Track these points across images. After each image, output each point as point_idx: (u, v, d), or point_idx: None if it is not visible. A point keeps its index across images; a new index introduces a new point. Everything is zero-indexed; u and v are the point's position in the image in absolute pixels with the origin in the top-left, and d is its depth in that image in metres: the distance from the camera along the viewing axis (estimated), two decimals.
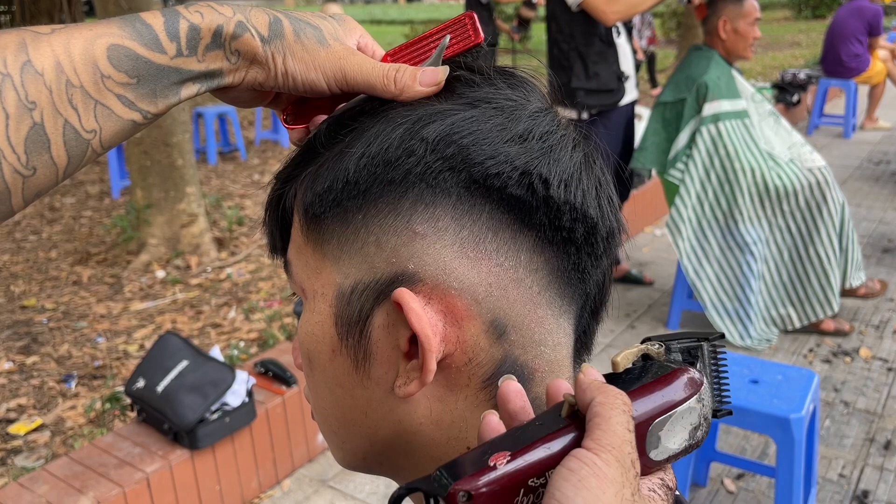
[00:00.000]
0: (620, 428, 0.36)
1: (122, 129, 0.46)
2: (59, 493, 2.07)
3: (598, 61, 3.24)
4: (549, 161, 0.47)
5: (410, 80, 0.49)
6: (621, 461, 0.36)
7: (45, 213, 5.31)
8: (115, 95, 0.45)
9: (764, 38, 14.75)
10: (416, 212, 0.46)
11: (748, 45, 3.36)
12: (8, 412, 2.87)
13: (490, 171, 0.45)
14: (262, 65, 0.49)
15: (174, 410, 2.23)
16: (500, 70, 0.51)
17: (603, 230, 0.49)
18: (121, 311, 3.68)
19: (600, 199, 0.49)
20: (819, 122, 7.46)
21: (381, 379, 0.48)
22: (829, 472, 2.57)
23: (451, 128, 0.46)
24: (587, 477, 0.35)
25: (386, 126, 0.47)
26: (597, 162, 0.51)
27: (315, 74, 0.50)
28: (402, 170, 0.46)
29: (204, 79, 0.48)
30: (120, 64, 0.45)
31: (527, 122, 0.47)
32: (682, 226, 3.37)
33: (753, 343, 3.39)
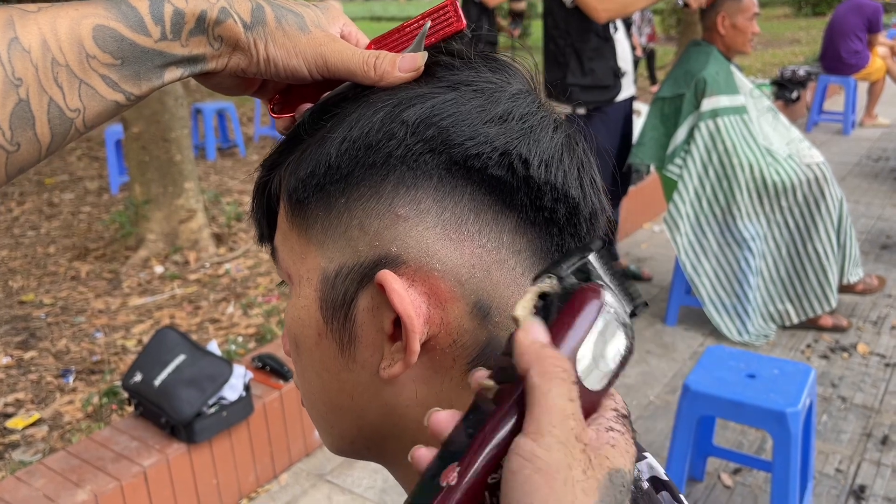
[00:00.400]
0: (560, 401, 0.35)
1: (106, 109, 0.47)
2: (56, 486, 2.08)
3: (593, 57, 3.23)
4: (528, 141, 0.47)
5: (390, 66, 0.49)
6: (564, 441, 0.35)
7: (43, 209, 5.31)
8: (100, 76, 0.45)
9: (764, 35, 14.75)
10: (397, 195, 0.46)
11: (747, 41, 3.36)
12: (6, 407, 2.87)
13: (470, 151, 0.45)
14: (245, 51, 0.50)
15: (171, 404, 2.23)
16: (482, 54, 0.51)
17: (585, 211, 0.49)
18: (119, 306, 3.68)
19: (582, 180, 0.49)
20: (818, 118, 7.46)
21: (366, 362, 0.48)
22: (826, 466, 2.58)
23: (430, 110, 0.46)
24: (531, 475, 0.34)
25: (366, 110, 0.48)
26: (579, 143, 0.51)
27: (296, 61, 0.50)
28: (383, 153, 0.46)
29: (187, 63, 0.49)
30: (105, 45, 0.45)
31: (507, 104, 0.48)
32: (680, 221, 3.37)
33: (751, 339, 3.39)
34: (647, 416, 2.89)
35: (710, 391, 2.08)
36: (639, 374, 3.19)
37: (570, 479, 0.34)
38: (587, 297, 0.39)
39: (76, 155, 6.83)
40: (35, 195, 5.65)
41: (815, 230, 3.32)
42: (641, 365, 3.26)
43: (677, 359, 3.31)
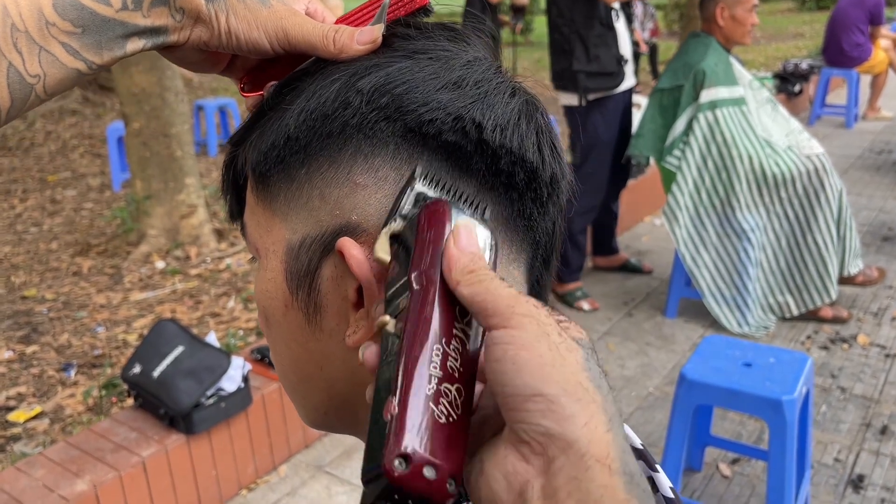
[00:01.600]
0: (503, 289, 0.37)
1: (67, 76, 0.47)
2: (56, 477, 2.09)
3: (598, 44, 3.27)
4: (482, 106, 0.47)
5: (349, 39, 0.49)
6: (529, 314, 0.36)
7: (46, 206, 5.33)
8: (60, 43, 0.46)
9: (767, 29, 14.70)
10: (355, 163, 0.47)
11: (746, 32, 3.35)
12: (8, 400, 2.89)
13: (423, 117, 0.46)
14: (206, 23, 0.50)
15: (170, 395, 2.24)
16: (442, 25, 0.52)
17: (545, 175, 0.49)
18: (120, 301, 3.70)
19: (541, 145, 0.49)
20: (821, 111, 7.43)
21: (333, 331, 0.49)
22: (825, 456, 2.58)
23: (385, 78, 0.47)
24: (516, 354, 0.35)
25: (323, 81, 0.48)
26: (538, 108, 0.51)
27: (257, 33, 0.51)
28: (339, 122, 0.47)
29: (149, 34, 0.49)
30: (65, 13, 0.46)
31: (461, 71, 0.48)
32: (679, 213, 3.37)
33: (751, 330, 3.39)
34: (646, 408, 2.89)
35: (706, 380, 2.09)
36: (638, 366, 3.19)
37: (551, 343, 0.36)
38: (429, 212, 0.42)
39: (79, 152, 6.85)
40: (38, 192, 5.68)
41: (814, 221, 3.32)
42: (641, 357, 3.27)
43: (677, 350, 3.31)
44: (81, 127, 7.81)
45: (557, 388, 0.34)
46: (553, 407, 0.34)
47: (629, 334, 3.47)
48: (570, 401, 0.34)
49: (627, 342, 3.39)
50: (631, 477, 0.34)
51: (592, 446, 0.34)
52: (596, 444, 0.34)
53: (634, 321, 3.59)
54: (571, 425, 0.34)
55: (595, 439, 0.34)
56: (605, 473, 0.33)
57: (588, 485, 0.33)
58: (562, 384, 0.34)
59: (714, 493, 2.44)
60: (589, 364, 0.36)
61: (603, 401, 0.35)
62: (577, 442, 0.34)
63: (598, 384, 0.36)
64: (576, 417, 0.34)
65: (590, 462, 0.33)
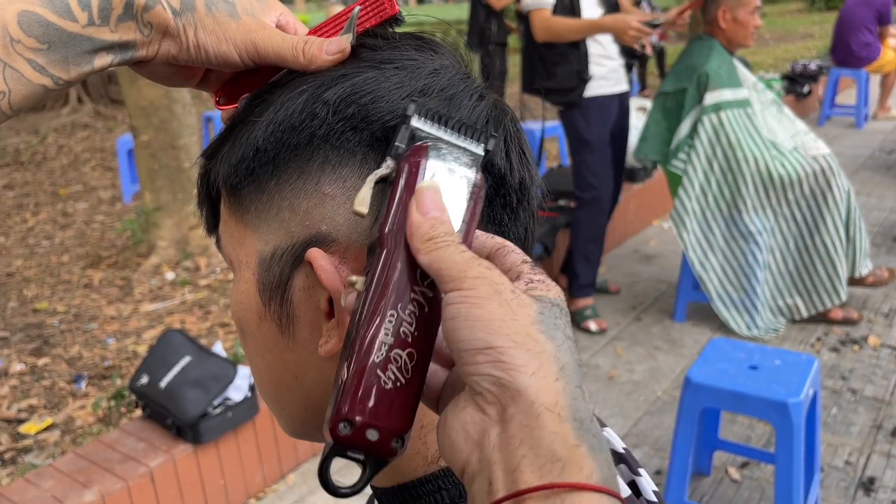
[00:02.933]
0: (456, 255, 0.38)
1: (33, 92, 0.47)
2: (65, 488, 2.11)
3: (558, 62, 3.29)
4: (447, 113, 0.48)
5: (317, 50, 0.50)
6: (480, 275, 0.38)
7: (58, 219, 5.38)
8: (26, 59, 0.46)
9: (776, 30, 14.64)
10: (324, 174, 0.47)
11: (748, 34, 3.34)
12: (19, 412, 2.91)
13: (389, 125, 0.46)
14: (175, 37, 0.50)
15: (177, 405, 2.25)
16: (410, 34, 0.53)
17: (513, 181, 0.50)
18: (131, 312, 3.73)
19: (509, 151, 0.50)
20: (830, 112, 7.39)
21: (306, 341, 0.49)
22: (836, 459, 2.56)
23: (351, 88, 0.47)
24: (469, 311, 0.37)
25: (291, 93, 0.49)
26: (507, 114, 0.51)
27: (226, 47, 0.51)
28: (307, 133, 0.47)
29: (117, 49, 0.49)
30: (30, 29, 0.46)
31: (427, 79, 0.49)
32: (687, 218, 3.36)
33: (760, 333, 3.37)
34: (654, 412, 2.88)
35: (711, 383, 2.08)
36: (646, 370, 3.18)
37: (503, 300, 0.37)
38: (406, 163, 0.43)
39: (90, 165, 6.91)
40: (50, 205, 5.73)
41: (822, 223, 3.29)
42: (649, 361, 3.25)
43: (685, 354, 3.29)
44: (93, 140, 7.89)
45: (507, 340, 0.36)
46: (503, 357, 0.35)
47: (637, 338, 3.45)
48: (520, 351, 0.36)
49: (635, 346, 3.38)
50: (581, 423, 0.35)
51: (542, 394, 0.35)
52: (545, 392, 0.35)
53: (643, 325, 3.57)
54: (520, 374, 0.35)
55: (544, 388, 0.35)
56: (554, 420, 0.34)
57: (539, 431, 0.34)
58: (511, 336, 0.36)
59: (723, 498, 2.43)
60: (543, 317, 0.37)
61: (555, 351, 0.36)
62: (526, 390, 0.35)
63: (551, 335, 0.37)
64: (525, 367, 0.35)
65: (539, 409, 0.34)
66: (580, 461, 0.34)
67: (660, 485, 2.43)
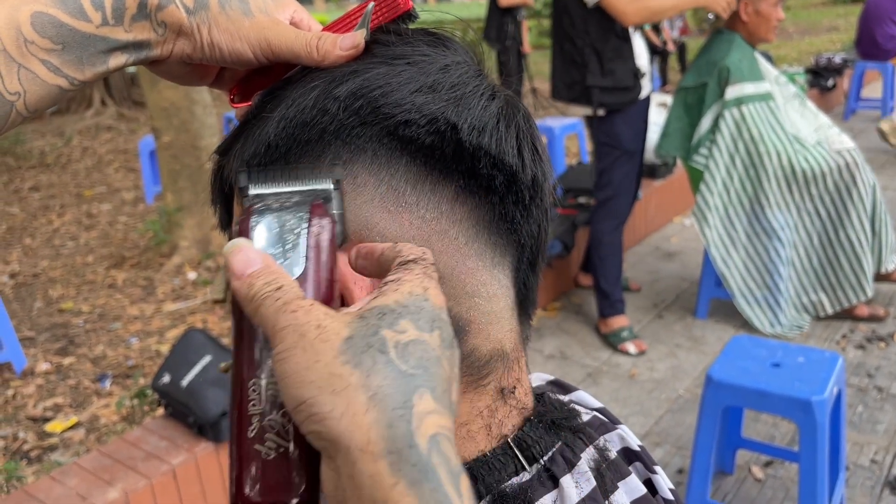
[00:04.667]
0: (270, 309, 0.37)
1: (48, 93, 0.47)
2: (89, 485, 2.13)
3: (613, 58, 3.09)
4: (458, 108, 0.47)
5: (331, 45, 0.50)
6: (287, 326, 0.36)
7: (82, 220, 5.45)
8: (40, 60, 0.46)
9: (801, 23, 14.46)
10: (334, 170, 0.47)
11: (771, 27, 3.30)
12: (45, 411, 2.95)
13: (399, 120, 0.46)
14: (189, 36, 0.50)
15: (198, 404, 2.27)
16: (423, 30, 0.52)
17: (525, 178, 0.49)
18: (153, 312, 3.77)
19: (521, 147, 0.49)
20: (856, 106, 7.28)
21: None
22: (861, 458, 2.52)
23: (361, 83, 0.47)
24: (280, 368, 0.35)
25: (302, 89, 0.49)
26: (519, 110, 0.51)
27: (240, 45, 0.51)
28: (318, 129, 0.47)
29: (132, 49, 0.49)
30: (44, 30, 0.46)
31: (437, 75, 0.48)
32: (709, 214, 3.32)
33: (784, 330, 3.32)
34: (675, 410, 2.85)
35: (733, 381, 2.05)
36: (668, 368, 3.15)
37: (306, 344, 0.35)
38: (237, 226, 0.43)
39: (114, 167, 7.00)
40: (74, 207, 5.81)
41: (847, 218, 3.24)
42: (671, 359, 3.23)
43: (707, 352, 3.26)
44: (116, 142, 7.98)
45: (312, 389, 0.34)
46: (313, 409, 0.34)
47: (659, 336, 3.42)
48: (325, 396, 0.34)
49: (657, 344, 3.35)
50: (398, 454, 0.32)
51: (354, 437, 0.33)
52: (357, 433, 0.33)
53: (665, 323, 3.54)
54: (330, 421, 0.33)
55: (355, 427, 0.33)
56: (369, 462, 0.33)
57: (359, 479, 0.33)
58: (316, 383, 0.34)
59: (746, 497, 2.40)
60: (351, 342, 0.35)
61: (362, 379, 0.34)
62: (339, 437, 0.33)
63: (358, 361, 0.34)
64: (332, 412, 0.33)
65: (355, 454, 0.33)
66: (398, 500, 0.32)
67: (682, 483, 2.40)
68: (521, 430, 0.52)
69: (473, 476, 0.50)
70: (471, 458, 0.50)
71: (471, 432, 0.51)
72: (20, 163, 7.27)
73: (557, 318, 3.63)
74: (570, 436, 0.54)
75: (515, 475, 0.50)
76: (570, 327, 3.54)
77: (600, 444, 0.56)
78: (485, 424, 0.51)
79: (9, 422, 2.88)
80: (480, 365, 0.50)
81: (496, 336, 0.51)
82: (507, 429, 0.52)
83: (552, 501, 0.50)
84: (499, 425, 0.52)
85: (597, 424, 0.59)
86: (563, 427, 0.54)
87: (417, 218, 0.47)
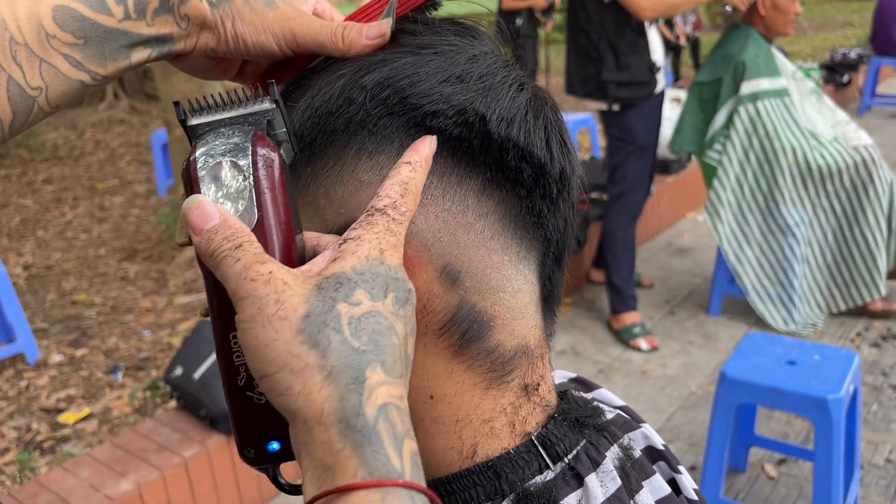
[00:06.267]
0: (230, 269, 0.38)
1: (70, 88, 0.47)
2: (102, 476, 2.14)
3: (629, 52, 3.07)
4: (487, 99, 0.46)
5: (357, 35, 0.49)
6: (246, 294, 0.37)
7: (95, 213, 5.47)
8: (62, 55, 0.46)
9: (815, 18, 14.34)
10: (360, 161, 0.47)
11: (788, 21, 3.26)
12: (58, 402, 2.97)
13: (426, 110, 0.46)
14: (213, 29, 0.49)
15: (210, 397, 2.28)
16: (450, 20, 0.51)
17: (553, 171, 0.49)
18: (165, 304, 3.78)
19: (549, 140, 0.48)
20: (871, 102, 7.21)
21: None
22: (876, 457, 2.50)
23: (389, 73, 0.46)
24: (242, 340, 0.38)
25: (329, 78, 0.48)
26: (547, 102, 0.50)
27: (265, 36, 0.50)
28: (343, 119, 0.46)
29: (155, 43, 0.49)
30: (65, 24, 0.45)
31: (465, 65, 0.47)
32: (722, 209, 3.30)
33: (798, 328, 3.30)
34: (688, 407, 2.84)
35: (748, 378, 2.04)
36: (680, 365, 3.13)
37: (265, 319, 0.37)
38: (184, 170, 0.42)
39: (126, 160, 7.02)
40: (87, 199, 5.83)
41: (862, 215, 3.21)
42: (683, 356, 3.21)
43: (720, 349, 3.24)
44: (129, 135, 8.00)
45: (272, 366, 0.37)
46: (273, 385, 0.37)
47: (671, 333, 3.41)
48: (285, 374, 0.36)
49: (669, 341, 3.34)
50: (346, 423, 0.36)
51: (310, 411, 0.36)
52: (312, 407, 0.36)
53: (677, 319, 3.53)
54: (289, 398, 0.37)
55: (310, 403, 0.36)
56: (322, 431, 0.36)
57: (312, 445, 0.36)
58: (276, 360, 0.37)
59: (759, 495, 2.38)
60: (308, 321, 0.37)
61: (318, 360, 0.36)
62: (297, 411, 0.36)
63: (315, 340, 0.36)
64: (290, 389, 0.36)
65: (311, 425, 0.36)
66: (344, 463, 0.35)
67: (694, 481, 2.39)
68: (545, 428, 0.52)
69: (497, 473, 0.49)
70: (494, 455, 0.50)
71: (494, 429, 0.50)
72: (33, 155, 7.31)
73: (569, 313, 3.62)
74: (594, 434, 0.53)
75: (539, 473, 0.50)
76: (581, 323, 3.53)
77: (625, 443, 0.55)
78: (508, 421, 0.50)
79: (22, 413, 2.90)
80: (505, 361, 0.50)
81: (520, 332, 0.50)
82: (531, 426, 0.51)
83: (577, 501, 0.49)
84: (522, 422, 0.51)
85: (621, 423, 0.58)
86: (587, 425, 0.53)
87: (443, 211, 0.47)
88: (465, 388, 0.49)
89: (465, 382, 0.48)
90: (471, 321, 0.48)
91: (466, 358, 0.48)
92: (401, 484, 0.35)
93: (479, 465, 0.49)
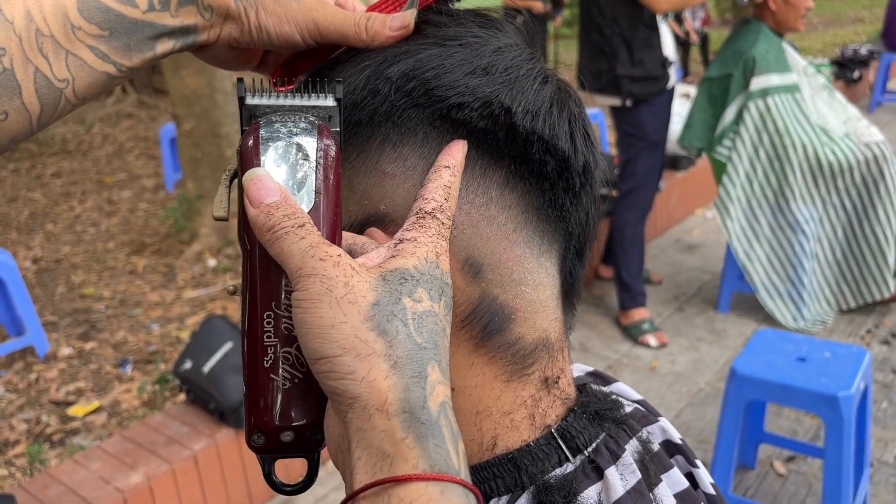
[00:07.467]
0: (293, 247, 0.38)
1: (97, 80, 0.47)
2: (112, 469, 2.15)
3: (642, 47, 3.07)
4: (512, 92, 0.46)
5: (380, 25, 0.49)
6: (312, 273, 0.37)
7: (103, 207, 5.49)
8: (88, 47, 0.45)
9: (826, 14, 14.27)
10: (384, 152, 0.46)
11: (799, 16, 3.24)
12: (67, 395, 2.98)
13: (452, 102, 0.45)
14: (236, 20, 0.49)
15: (220, 390, 2.28)
16: (473, 11, 0.51)
17: (577, 164, 0.48)
18: (174, 298, 3.79)
19: (573, 133, 0.48)
20: (882, 98, 7.17)
21: None
22: (886, 454, 2.49)
23: (414, 64, 0.46)
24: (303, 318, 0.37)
25: (353, 69, 0.48)
26: (571, 96, 0.50)
27: (288, 27, 0.50)
28: (368, 110, 0.46)
29: (179, 34, 0.49)
30: (91, 16, 0.45)
31: (491, 57, 0.47)
32: (731, 206, 3.29)
33: (807, 325, 3.29)
34: (697, 404, 2.83)
35: (758, 375, 2.03)
36: (689, 362, 3.13)
37: (333, 300, 0.37)
38: (241, 153, 0.42)
39: (134, 154, 7.03)
40: (96, 193, 5.84)
41: (873, 212, 3.20)
42: (692, 352, 3.20)
43: (729, 346, 3.23)
44: (137, 130, 8.02)
45: (336, 348, 0.36)
46: (335, 367, 0.37)
47: (680, 329, 3.40)
48: (348, 358, 0.36)
49: (678, 337, 3.33)
50: (411, 413, 0.36)
51: (372, 397, 0.36)
52: (375, 395, 0.36)
53: (686, 316, 3.52)
54: (350, 382, 0.36)
55: (374, 390, 0.36)
56: (383, 419, 0.36)
57: (370, 433, 0.36)
58: (341, 343, 0.36)
59: (768, 492, 2.38)
60: (377, 309, 0.37)
61: (385, 348, 0.37)
62: (358, 397, 0.36)
63: (384, 329, 0.37)
64: (354, 374, 0.36)
65: (371, 411, 0.36)
66: (406, 453, 0.35)
67: None
68: (564, 421, 0.51)
69: (517, 465, 0.49)
70: (514, 447, 0.49)
71: (514, 421, 0.50)
72: (42, 149, 7.33)
73: (577, 309, 3.61)
74: (613, 427, 0.53)
75: (559, 466, 0.49)
76: (590, 319, 3.52)
77: (643, 436, 0.55)
78: (528, 414, 0.50)
79: (32, 405, 2.91)
80: (525, 354, 0.49)
81: (541, 325, 0.50)
82: (551, 419, 0.51)
83: (597, 493, 0.49)
84: (542, 415, 0.51)
85: (639, 416, 0.58)
86: (606, 418, 0.53)
87: (466, 203, 0.46)
88: (486, 381, 0.48)
89: (486, 375, 0.48)
90: (492, 314, 0.48)
91: (487, 350, 0.48)
92: (458, 481, 0.35)
93: (500, 457, 0.49)
